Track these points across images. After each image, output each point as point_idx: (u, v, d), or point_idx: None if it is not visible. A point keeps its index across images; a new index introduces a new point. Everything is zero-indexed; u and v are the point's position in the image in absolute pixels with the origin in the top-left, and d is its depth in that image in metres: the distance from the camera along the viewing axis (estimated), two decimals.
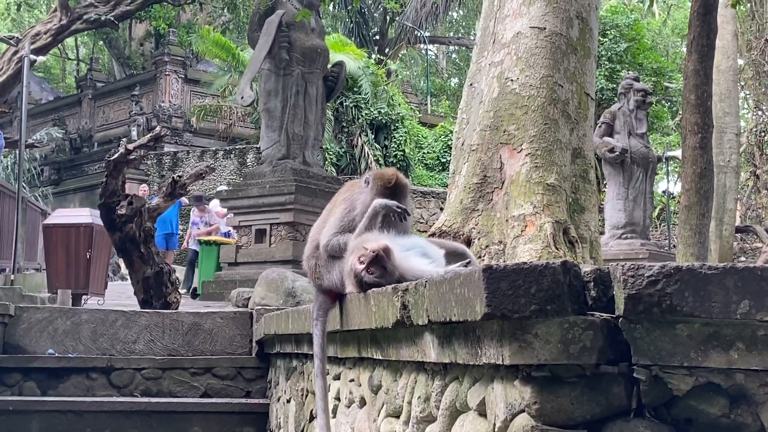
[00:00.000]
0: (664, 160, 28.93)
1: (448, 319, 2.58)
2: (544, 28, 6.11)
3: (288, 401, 6.60)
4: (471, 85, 6.47)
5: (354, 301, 3.76)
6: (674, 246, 19.78)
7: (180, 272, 18.36)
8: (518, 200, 5.76)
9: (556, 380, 2.36)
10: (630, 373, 2.37)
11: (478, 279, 2.31)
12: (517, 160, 5.88)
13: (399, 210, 3.88)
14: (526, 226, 5.66)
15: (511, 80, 6.06)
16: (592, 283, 2.39)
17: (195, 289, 17.12)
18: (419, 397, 3.23)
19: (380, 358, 3.75)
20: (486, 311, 2.27)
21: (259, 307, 9.11)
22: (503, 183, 5.91)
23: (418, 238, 3.92)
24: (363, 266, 3.54)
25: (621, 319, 2.32)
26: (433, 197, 26.81)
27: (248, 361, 8.92)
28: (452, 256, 3.83)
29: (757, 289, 2.26)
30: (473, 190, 5.97)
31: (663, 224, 30.91)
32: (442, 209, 6.36)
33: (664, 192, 33.21)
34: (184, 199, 17.94)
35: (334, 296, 4.18)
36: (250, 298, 11.88)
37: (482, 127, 6.07)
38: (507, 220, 5.76)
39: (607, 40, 29.84)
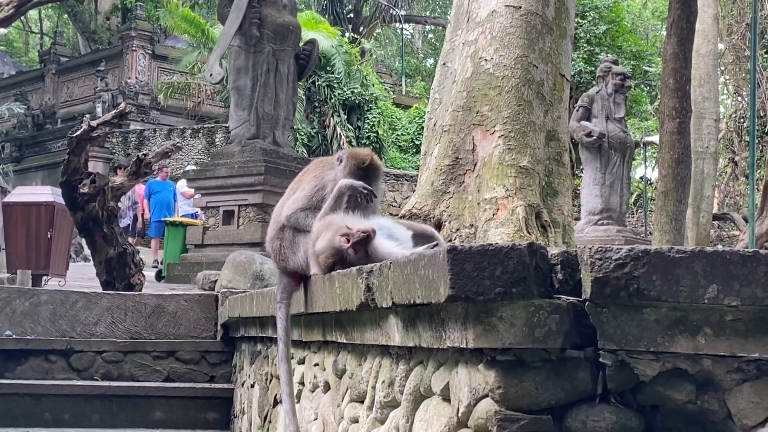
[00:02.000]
0: (641, 146, 29.05)
1: (412, 302, 2.58)
2: (520, 7, 6.10)
3: (252, 386, 6.59)
4: (444, 64, 6.45)
5: (319, 282, 3.76)
6: (651, 233, 19.89)
7: (146, 254, 18.32)
8: (490, 183, 5.76)
9: (520, 364, 2.37)
10: (596, 358, 2.39)
11: (442, 260, 2.31)
12: (489, 142, 5.88)
13: (365, 191, 3.87)
14: (498, 209, 5.66)
15: (485, 60, 6.04)
16: (559, 266, 2.39)
17: (160, 271, 17.06)
18: (383, 381, 3.24)
19: (345, 341, 3.75)
20: (450, 293, 2.28)
21: (225, 290, 9.09)
22: (475, 165, 5.90)
23: (385, 220, 3.92)
24: (349, 245, 3.53)
25: (588, 302, 2.32)
26: (406, 180, 26.84)
27: (213, 344, 8.90)
28: (420, 238, 3.83)
29: (726, 274, 2.27)
30: (445, 172, 5.96)
31: (640, 211, 31.09)
32: (415, 190, 6.36)
33: (641, 178, 33.38)
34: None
35: (299, 278, 4.18)
36: (216, 281, 11.84)
37: (455, 107, 6.06)
38: (479, 203, 5.76)
39: (586, 22, 29.92)
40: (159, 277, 16.56)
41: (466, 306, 2.35)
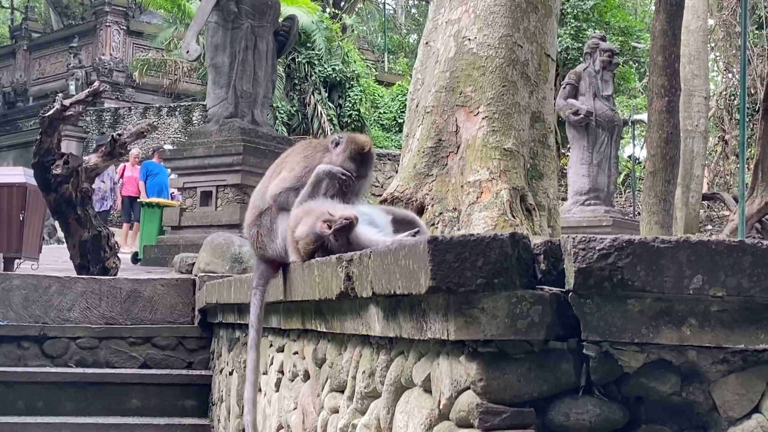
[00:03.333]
0: (630, 124, 29.11)
1: (392, 292, 2.59)
2: None
3: (230, 373, 6.60)
4: (427, 43, 6.45)
5: (298, 270, 3.76)
6: (639, 213, 19.95)
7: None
8: (474, 165, 5.77)
9: (502, 356, 2.38)
10: (579, 350, 2.40)
11: (423, 251, 2.32)
12: (473, 124, 5.89)
13: (344, 177, 3.86)
14: (481, 192, 5.67)
15: (469, 39, 6.04)
16: (542, 256, 2.40)
17: (136, 253, 17.02)
18: (364, 371, 3.25)
19: (324, 330, 3.76)
20: (431, 284, 2.28)
21: (203, 274, 9.08)
22: (459, 147, 5.91)
23: (366, 206, 3.93)
24: (330, 231, 3.52)
25: (571, 293, 2.34)
26: (389, 159, 26.82)
27: (190, 330, 8.90)
28: (401, 224, 3.83)
29: (711, 264, 2.28)
30: (427, 154, 5.97)
31: (628, 190, 31.17)
32: (398, 172, 6.37)
33: (629, 157, 33.46)
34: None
35: (277, 266, 4.18)
36: (194, 263, 11.82)
37: (438, 88, 6.06)
38: (462, 186, 5.77)
39: None
40: (135, 259, 16.53)
41: (448, 297, 2.36)
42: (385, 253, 2.67)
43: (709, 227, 28.18)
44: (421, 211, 5.82)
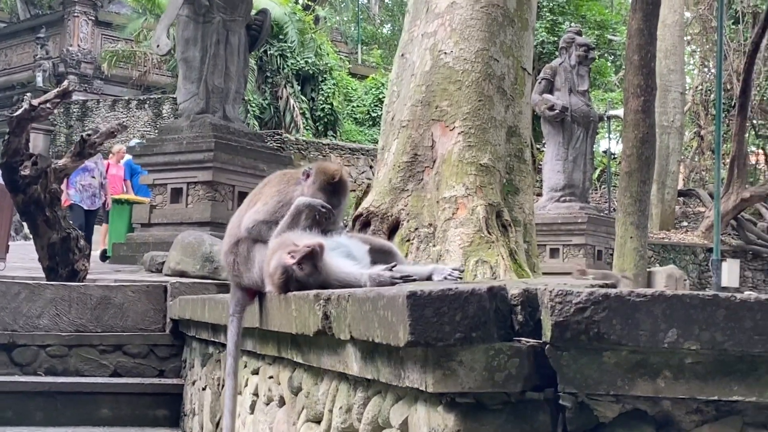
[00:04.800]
0: (605, 119, 29.28)
1: (371, 339, 2.64)
2: None
3: (204, 389, 6.63)
4: (402, 55, 6.50)
5: (274, 301, 3.80)
6: (614, 209, 20.09)
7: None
8: (450, 181, 5.84)
9: (480, 407, 2.44)
10: (556, 400, 2.46)
11: (402, 304, 2.37)
12: (449, 139, 5.95)
13: (323, 210, 3.91)
14: (457, 208, 5.74)
15: (445, 53, 6.11)
16: (519, 307, 2.46)
17: (105, 251, 16.96)
18: (341, 407, 3.30)
19: (300, 361, 3.80)
20: (409, 339, 2.34)
21: (174, 281, 9.09)
22: (435, 162, 5.98)
23: (344, 237, 3.97)
24: (294, 261, 3.57)
25: (548, 346, 2.40)
26: (362, 154, 26.83)
27: (162, 338, 8.90)
28: (379, 254, 3.88)
29: (685, 317, 2.35)
30: (403, 168, 6.03)
31: (603, 186, 31.34)
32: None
33: (604, 152, 33.61)
34: None
35: (253, 293, 4.22)
36: (164, 262, 11.82)
37: (413, 102, 6.12)
38: (438, 202, 5.84)
39: None
40: (104, 257, 16.48)
41: (426, 350, 2.42)
42: (363, 300, 2.72)
43: (685, 223, 28.43)
44: (396, 226, 5.88)
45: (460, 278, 3.82)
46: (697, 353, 2.39)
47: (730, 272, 20.71)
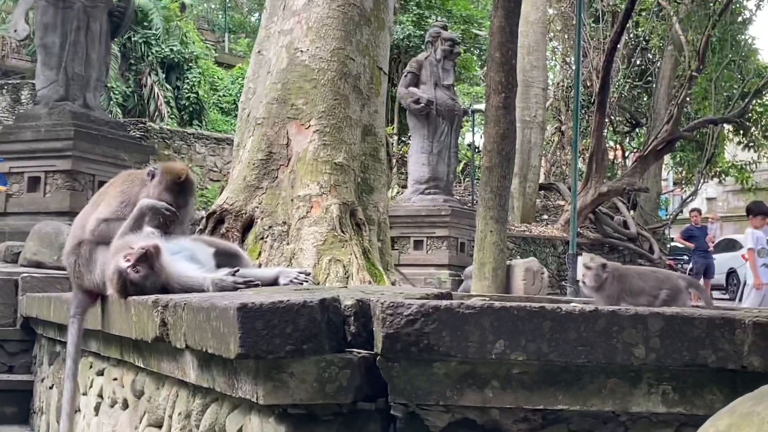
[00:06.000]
0: (470, 113, 29.65)
1: (204, 350, 2.62)
2: None
3: (51, 387, 6.48)
4: (259, 52, 6.46)
5: (115, 305, 3.73)
6: (477, 202, 20.39)
7: None
8: (304, 179, 5.83)
9: (311, 418, 2.44)
10: (388, 410, 2.48)
11: (233, 317, 2.35)
12: (305, 137, 5.94)
13: (168, 212, 3.84)
14: (311, 207, 5.74)
15: (301, 51, 6.09)
16: (352, 318, 2.48)
17: None
18: (180, 413, 3.26)
19: (142, 366, 3.74)
20: (239, 351, 2.33)
21: (26, 275, 8.83)
22: (290, 160, 5.96)
23: (187, 241, 3.91)
24: (129, 264, 3.51)
25: (379, 357, 2.41)
26: (227, 144, 26.48)
27: (12, 333, 8.62)
28: (224, 256, 3.84)
29: (513, 329, 2.40)
30: (258, 166, 5.99)
31: (467, 179, 31.74)
32: (227, 183, 6.35)
33: (469, 146, 34.05)
34: None
35: (95, 296, 4.13)
36: (20, 252, 11.49)
37: (269, 99, 6.09)
38: (292, 200, 5.83)
39: None
40: None
41: (257, 362, 2.41)
42: (198, 309, 2.69)
43: (546, 216, 29.03)
44: (250, 224, 5.85)
45: (307, 281, 3.82)
46: (524, 364, 2.44)
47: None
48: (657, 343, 2.42)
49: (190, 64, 28.40)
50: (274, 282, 3.74)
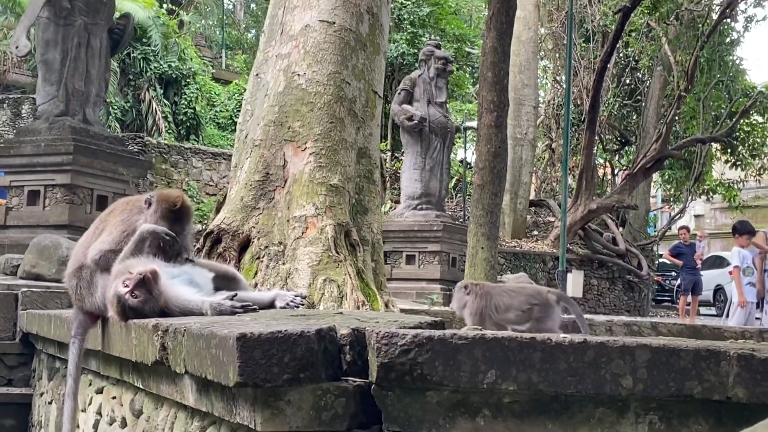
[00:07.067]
0: (462, 130, 29.72)
1: (204, 376, 2.64)
2: (334, 23, 6.20)
3: (50, 402, 6.49)
4: (257, 75, 6.49)
5: (116, 327, 3.76)
6: (469, 218, 20.42)
7: None
8: (300, 200, 5.85)
9: None
10: None
11: (232, 346, 2.38)
12: (301, 159, 5.97)
13: (167, 237, 3.86)
14: (307, 227, 5.76)
15: (298, 75, 6.12)
16: (348, 347, 2.51)
17: None
18: None
19: (141, 387, 3.77)
20: (238, 380, 2.36)
21: (26, 289, 8.84)
22: (286, 182, 5.98)
23: (186, 265, 3.93)
24: (127, 289, 3.54)
25: (374, 386, 2.44)
26: (224, 159, 26.51)
27: (11, 346, 8.63)
28: (223, 280, 3.87)
29: (504, 359, 2.43)
30: (255, 187, 6.01)
31: (459, 195, 31.79)
32: (225, 203, 6.37)
33: (461, 162, 34.11)
34: None
35: (96, 317, 4.15)
36: (19, 265, 11.50)
37: (266, 121, 6.12)
38: (288, 221, 5.85)
39: (410, 3, 30.36)
40: None
41: (255, 390, 2.43)
42: (198, 336, 2.72)
43: (536, 232, 29.06)
44: (247, 244, 5.87)
45: (303, 304, 3.85)
46: (515, 393, 2.47)
47: (574, 283, 21.27)
48: (644, 373, 2.45)
49: (187, 80, 28.44)
50: (270, 305, 3.77)
